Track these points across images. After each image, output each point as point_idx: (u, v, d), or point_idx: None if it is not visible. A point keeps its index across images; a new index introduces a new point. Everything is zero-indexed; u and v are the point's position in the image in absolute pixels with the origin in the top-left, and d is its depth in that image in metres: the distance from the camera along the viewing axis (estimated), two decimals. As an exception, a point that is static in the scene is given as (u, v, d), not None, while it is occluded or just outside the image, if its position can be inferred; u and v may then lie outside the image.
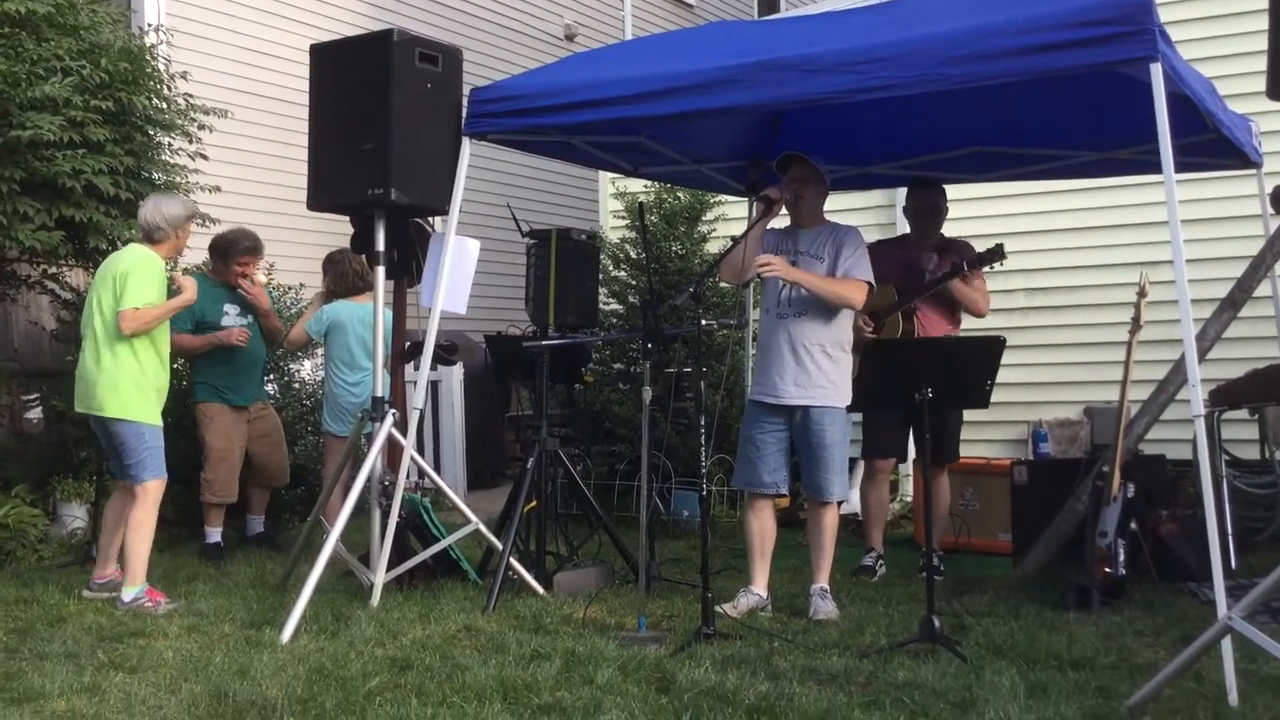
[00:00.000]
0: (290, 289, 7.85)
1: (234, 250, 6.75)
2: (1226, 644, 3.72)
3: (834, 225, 5.47)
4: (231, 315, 6.80)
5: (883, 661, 4.29)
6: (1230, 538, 5.85)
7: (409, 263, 5.78)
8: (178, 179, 7.29)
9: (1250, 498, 6.65)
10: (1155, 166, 4.24)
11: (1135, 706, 3.67)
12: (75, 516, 7.07)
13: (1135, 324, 5.37)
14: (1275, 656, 3.55)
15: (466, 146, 5.49)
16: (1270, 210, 6.05)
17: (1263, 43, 3.26)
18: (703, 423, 5.02)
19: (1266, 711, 3.62)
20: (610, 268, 8.59)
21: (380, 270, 5.59)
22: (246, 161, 9.15)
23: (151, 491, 5.51)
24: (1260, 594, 3.54)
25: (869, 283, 5.30)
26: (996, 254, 6.01)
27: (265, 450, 6.94)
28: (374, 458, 5.38)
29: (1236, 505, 6.40)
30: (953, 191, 6.78)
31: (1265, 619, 4.80)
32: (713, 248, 8.45)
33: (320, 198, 5.58)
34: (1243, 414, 6.81)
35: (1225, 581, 3.94)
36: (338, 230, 6.41)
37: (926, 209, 6.34)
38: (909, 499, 7.66)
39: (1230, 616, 3.51)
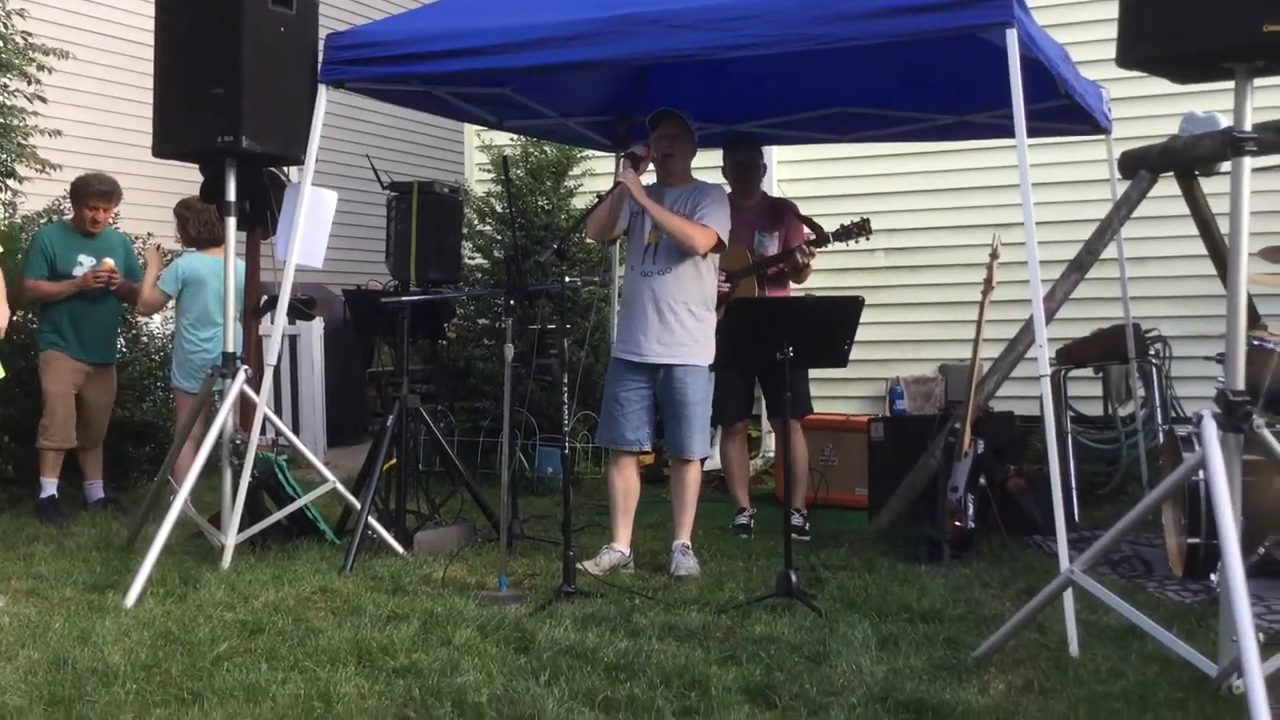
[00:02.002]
0: (137, 238, 7.52)
1: (86, 191, 6.51)
2: (1068, 596, 3.85)
3: (699, 183, 5.46)
4: (85, 265, 6.52)
5: (741, 617, 4.34)
6: (1074, 492, 6.08)
7: (263, 213, 5.59)
8: (14, 121, 6.91)
9: (1094, 453, 6.92)
10: (1010, 130, 4.33)
11: (980, 658, 3.78)
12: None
13: (988, 284, 5.50)
14: (1113, 608, 3.70)
15: (323, 94, 5.30)
16: (1118, 175, 6.26)
17: (1114, 10, 3.33)
18: (566, 380, 4.99)
19: (1105, 661, 3.76)
20: (475, 222, 8.46)
21: (232, 221, 5.39)
22: (89, 104, 8.74)
23: None
24: (1100, 549, 3.67)
25: (719, 235, 5.28)
26: (862, 229, 6.03)
27: (92, 407, 6.62)
28: (225, 416, 5.20)
29: (1081, 460, 6.66)
30: (816, 151, 6.85)
31: (1105, 570, 5.02)
32: (579, 203, 8.39)
33: (167, 144, 5.33)
34: (1088, 372, 7.08)
35: (1068, 534, 4.08)
36: (187, 178, 6.16)
37: (745, 162, 6.31)
38: (770, 455, 7.76)
39: (1072, 570, 3.64)
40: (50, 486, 6.45)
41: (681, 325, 5.26)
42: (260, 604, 4.50)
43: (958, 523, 5.34)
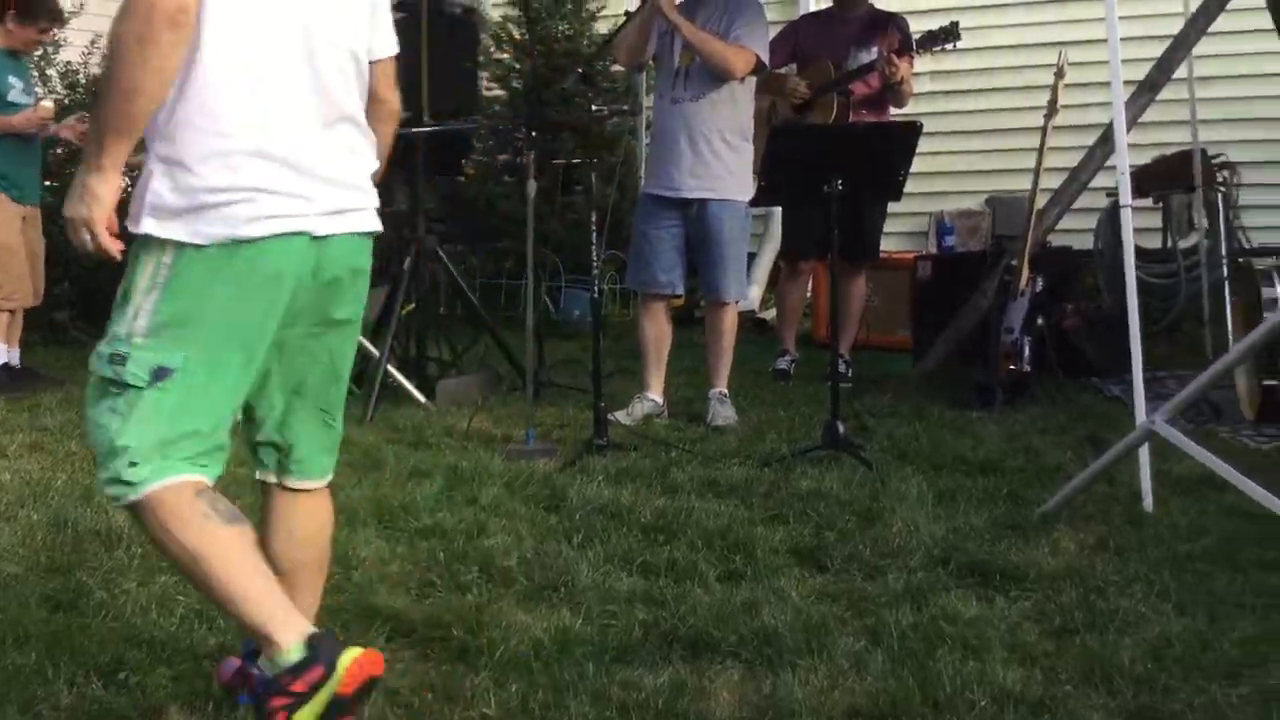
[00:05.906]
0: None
1: (41, 11, 5.60)
2: (1144, 449, 3.55)
3: (735, -1, 4.98)
4: (17, 90, 5.60)
5: (785, 471, 4.06)
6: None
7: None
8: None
9: (1149, 288, 6.54)
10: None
11: (1048, 514, 3.50)
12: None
13: (1051, 107, 5.05)
14: (1188, 456, 3.40)
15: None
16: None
17: None
18: (594, 218, 4.64)
19: (1182, 515, 3.48)
20: (492, 49, 7.98)
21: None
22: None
23: None
24: (1186, 397, 3.36)
25: (758, 56, 4.87)
26: (950, 34, 5.38)
27: (32, 259, 5.74)
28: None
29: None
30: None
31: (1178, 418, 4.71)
32: (603, 28, 7.87)
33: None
34: (1146, 203, 6.65)
35: (1123, 376, 3.75)
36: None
37: None
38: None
39: (1153, 420, 3.32)
40: (11, 355, 5.65)
41: (716, 156, 4.87)
42: (274, 460, 4.24)
43: (1012, 366, 5.02)
